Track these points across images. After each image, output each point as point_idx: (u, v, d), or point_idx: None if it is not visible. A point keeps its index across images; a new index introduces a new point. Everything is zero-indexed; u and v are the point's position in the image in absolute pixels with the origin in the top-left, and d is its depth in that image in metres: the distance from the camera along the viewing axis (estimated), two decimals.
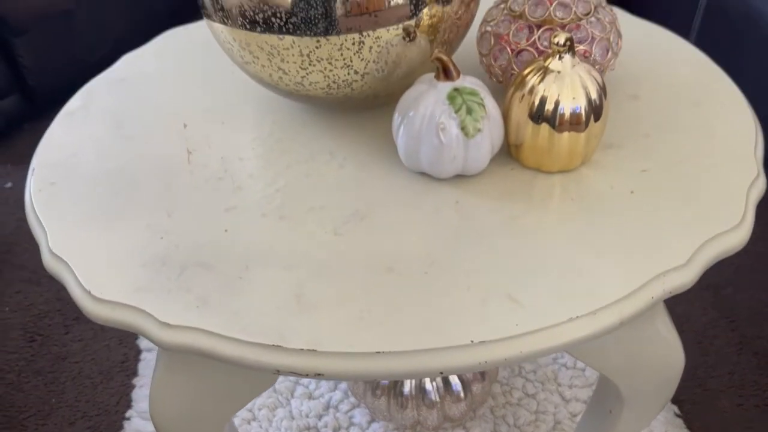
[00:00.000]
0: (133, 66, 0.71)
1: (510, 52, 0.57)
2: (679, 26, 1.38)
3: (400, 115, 0.53)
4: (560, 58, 0.50)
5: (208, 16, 0.55)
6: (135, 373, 1.01)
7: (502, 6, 0.59)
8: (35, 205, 0.54)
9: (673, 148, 0.55)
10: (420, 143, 0.52)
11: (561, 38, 0.49)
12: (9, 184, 1.38)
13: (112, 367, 1.02)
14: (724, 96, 0.61)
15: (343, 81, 0.54)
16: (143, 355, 1.03)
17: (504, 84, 0.60)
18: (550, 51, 0.51)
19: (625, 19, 0.72)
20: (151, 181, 0.55)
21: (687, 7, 1.33)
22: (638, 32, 0.70)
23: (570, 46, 0.50)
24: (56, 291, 1.15)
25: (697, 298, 1.07)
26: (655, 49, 0.67)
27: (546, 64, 0.51)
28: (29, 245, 1.25)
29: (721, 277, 1.10)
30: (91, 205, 0.53)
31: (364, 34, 0.51)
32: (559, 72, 0.50)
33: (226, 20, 0.53)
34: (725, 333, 1.02)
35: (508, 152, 0.55)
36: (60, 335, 1.08)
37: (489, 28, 0.59)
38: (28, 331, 1.09)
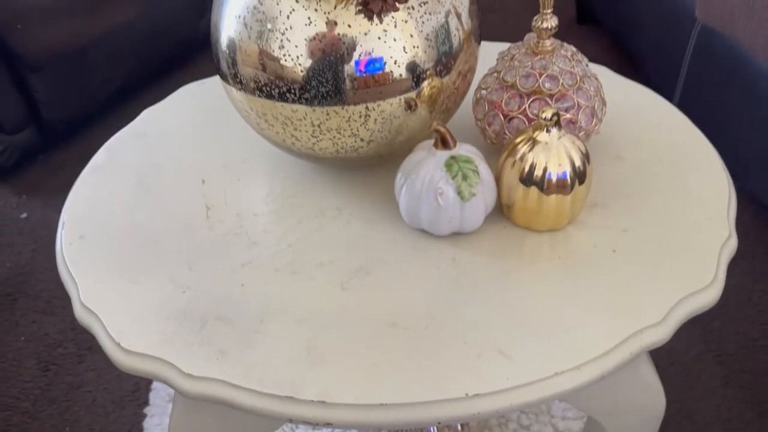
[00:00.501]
0: (153, 121, 0.76)
1: (503, 119, 0.62)
2: (669, 67, 1.43)
3: (402, 178, 0.58)
4: (548, 131, 0.55)
5: (225, 80, 0.60)
6: (146, 402, 1.05)
7: (495, 75, 0.64)
8: (66, 259, 0.59)
9: (653, 208, 0.60)
10: (420, 205, 0.57)
11: (548, 113, 0.55)
12: (24, 215, 1.43)
13: (124, 396, 1.06)
14: (702, 157, 0.66)
15: (350, 147, 0.59)
16: (154, 385, 1.08)
17: (497, 146, 0.65)
18: (539, 119, 0.56)
19: (612, 79, 0.78)
20: (174, 236, 0.60)
21: (676, 50, 1.39)
22: (624, 93, 0.75)
23: (556, 121, 0.55)
24: (70, 321, 1.19)
25: (684, 331, 1.11)
26: (639, 110, 0.72)
27: (535, 135, 0.56)
28: (44, 275, 1.29)
29: (707, 311, 1.15)
30: (118, 259, 0.58)
31: (370, 107, 0.56)
32: (546, 143, 0.55)
33: (242, 88, 0.58)
34: (712, 367, 1.06)
35: (501, 211, 0.60)
36: (74, 364, 1.12)
37: (484, 95, 0.64)
38: (42, 361, 1.13)
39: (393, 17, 0.53)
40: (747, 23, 1.13)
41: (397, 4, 0.50)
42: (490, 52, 0.71)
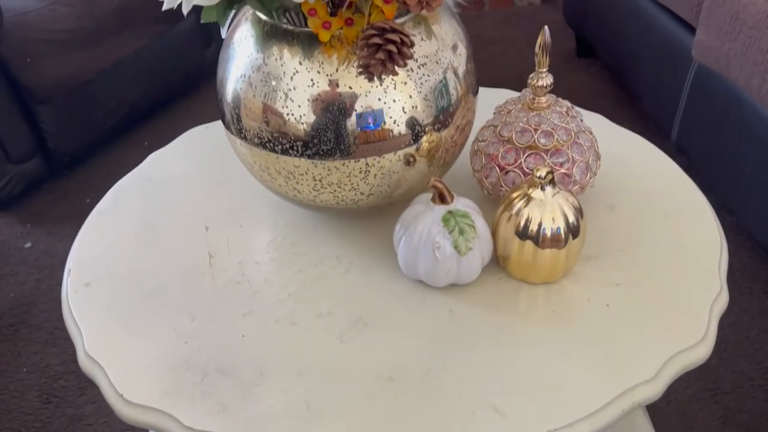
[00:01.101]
0: (159, 166, 0.77)
1: (499, 171, 0.64)
2: (667, 103, 1.46)
3: (400, 230, 0.60)
4: (542, 188, 0.57)
5: (229, 130, 0.62)
6: None
7: (492, 128, 0.66)
8: (71, 307, 0.60)
9: (645, 262, 0.61)
10: (418, 257, 0.58)
11: (543, 172, 0.56)
12: (28, 244, 1.45)
13: (125, 429, 1.07)
14: (693, 208, 0.67)
15: (350, 200, 0.60)
16: None
17: (494, 197, 0.66)
18: (534, 177, 0.57)
19: (606, 127, 0.79)
20: (176, 285, 0.62)
21: (673, 87, 1.41)
22: (618, 141, 0.76)
23: (551, 180, 0.56)
24: (72, 353, 1.20)
25: None
26: (632, 159, 0.74)
27: (530, 192, 0.57)
28: (47, 305, 1.30)
29: None
30: (122, 308, 0.60)
31: (370, 163, 0.57)
32: (541, 199, 0.57)
33: (247, 141, 0.59)
34: (709, 406, 1.07)
35: (497, 262, 0.62)
36: (75, 397, 1.13)
37: (481, 147, 0.66)
38: (44, 393, 1.14)
39: (393, 79, 0.55)
40: (742, 66, 1.15)
41: (396, 68, 0.52)
42: (487, 103, 0.72)
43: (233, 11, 0.57)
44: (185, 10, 0.53)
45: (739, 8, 1.15)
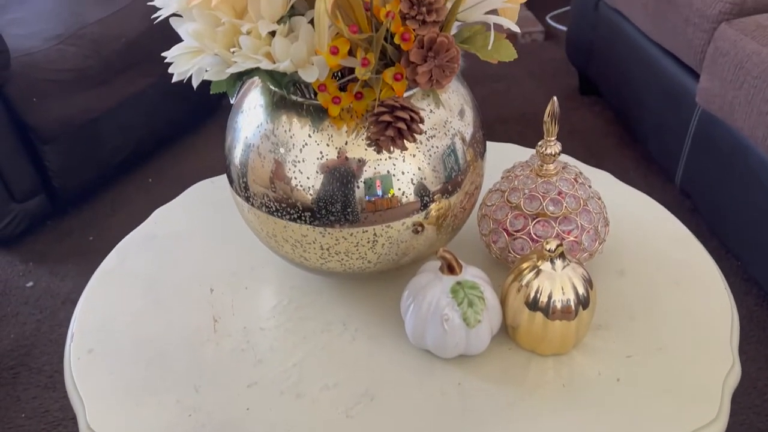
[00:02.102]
0: (163, 222, 0.77)
1: (507, 237, 0.64)
2: (671, 146, 1.45)
3: (408, 298, 0.59)
4: (552, 261, 0.56)
5: (236, 194, 0.61)
6: None
7: (500, 193, 0.65)
8: (74, 375, 0.59)
9: (656, 332, 0.61)
10: (426, 328, 0.57)
11: (552, 245, 0.56)
12: (30, 284, 1.44)
13: None
14: (704, 275, 0.66)
15: (357, 267, 0.60)
16: None
17: (502, 261, 0.66)
18: (543, 249, 0.57)
19: (614, 186, 0.79)
20: (181, 351, 0.61)
21: (678, 130, 1.41)
22: (626, 202, 0.76)
23: (561, 254, 0.56)
24: None
25: None
26: (641, 221, 0.73)
27: (539, 264, 0.57)
28: (47, 347, 1.29)
29: None
30: (125, 377, 0.59)
31: (378, 232, 0.57)
32: (551, 272, 0.56)
33: (255, 209, 0.59)
34: None
35: (506, 331, 0.61)
36: None
37: (488, 212, 0.65)
38: None
39: (401, 152, 0.55)
40: (747, 115, 1.15)
41: (406, 143, 0.52)
42: (493, 158, 0.71)
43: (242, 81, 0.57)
44: (195, 84, 0.53)
45: (743, 58, 1.16)
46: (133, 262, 0.71)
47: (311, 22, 0.51)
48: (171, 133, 1.81)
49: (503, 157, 0.79)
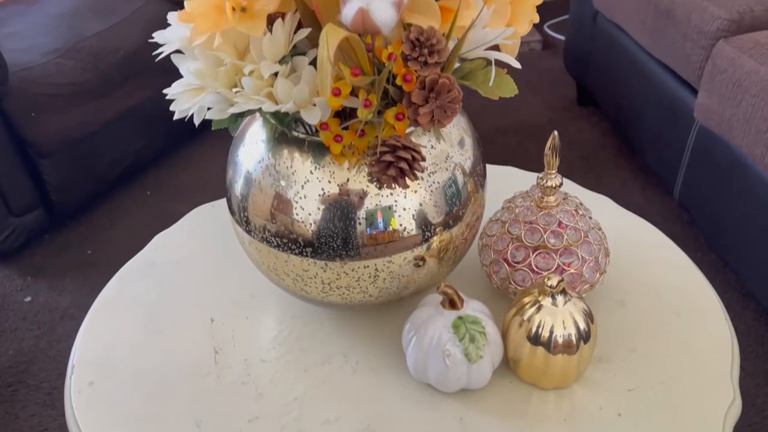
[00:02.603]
0: (163, 249, 0.77)
1: (508, 268, 0.64)
2: (669, 160, 1.46)
3: (410, 332, 0.59)
4: (553, 297, 0.56)
5: (237, 225, 0.61)
6: None
7: (501, 224, 0.65)
8: (75, 409, 0.59)
9: (657, 365, 0.61)
10: (428, 362, 0.57)
11: (554, 281, 0.56)
12: (28, 299, 1.43)
13: None
14: (704, 305, 0.67)
15: (358, 301, 0.60)
16: None
17: (503, 291, 0.66)
18: (545, 285, 0.57)
19: (614, 212, 0.79)
20: (182, 384, 0.61)
21: (676, 144, 1.42)
22: (626, 228, 0.76)
23: (562, 289, 0.56)
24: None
25: None
26: (641, 248, 0.73)
27: (541, 300, 0.57)
28: (45, 364, 1.29)
29: None
30: (126, 411, 0.59)
31: (379, 267, 0.57)
32: (552, 307, 0.56)
33: (255, 240, 0.59)
34: None
35: (507, 363, 0.61)
36: None
37: (489, 242, 0.66)
38: None
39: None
40: (745, 133, 1.15)
41: (408, 181, 0.52)
42: (493, 183, 0.71)
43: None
44: (197, 122, 0.53)
45: (741, 75, 1.16)
46: (134, 291, 0.71)
47: (313, 62, 0.51)
48: (169, 144, 1.81)
49: (503, 181, 0.80)
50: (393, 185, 0.52)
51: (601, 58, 1.76)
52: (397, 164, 0.50)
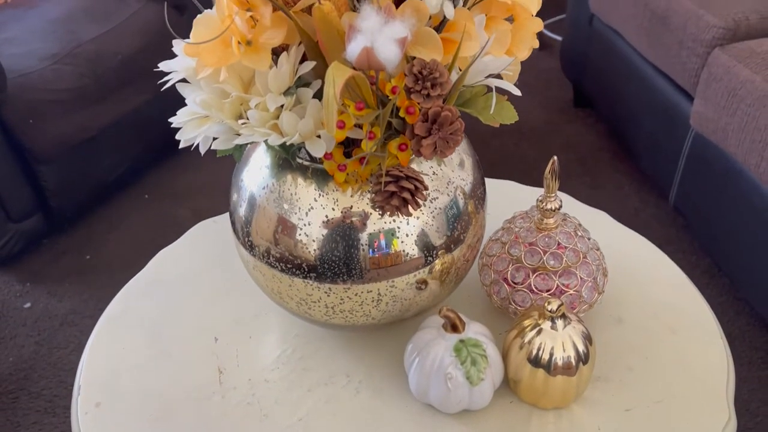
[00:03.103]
0: (166, 265, 0.78)
1: (508, 289, 0.65)
2: (665, 165, 1.47)
3: (412, 353, 0.60)
4: (553, 321, 0.57)
5: (242, 248, 0.62)
6: None
7: (501, 244, 0.66)
8: (82, 431, 0.60)
9: (653, 384, 0.62)
10: (430, 384, 0.59)
11: (554, 306, 0.57)
12: (28, 305, 1.44)
13: None
14: (700, 323, 0.68)
15: (361, 323, 0.61)
16: None
17: (503, 310, 0.67)
18: (545, 309, 0.58)
19: (612, 228, 0.80)
20: (187, 407, 0.62)
21: (672, 150, 1.43)
22: (623, 246, 0.77)
23: (562, 314, 0.57)
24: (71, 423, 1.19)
25: None
26: (638, 266, 0.74)
27: (541, 324, 0.58)
28: (46, 371, 1.30)
29: None
30: None
31: (383, 292, 0.58)
32: (552, 331, 0.57)
33: (259, 264, 0.60)
34: None
35: (507, 383, 0.62)
36: None
37: (489, 262, 0.66)
38: None
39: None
40: (740, 142, 1.17)
41: (410, 209, 0.53)
42: (493, 197, 0.71)
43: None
44: (202, 151, 0.54)
45: (736, 85, 1.17)
46: (138, 310, 0.72)
47: (317, 94, 0.52)
48: (166, 147, 1.81)
49: (502, 196, 0.80)
50: (394, 213, 0.53)
51: (597, 61, 1.76)
52: (400, 194, 0.51)
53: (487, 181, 0.78)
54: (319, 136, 0.51)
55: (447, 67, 0.51)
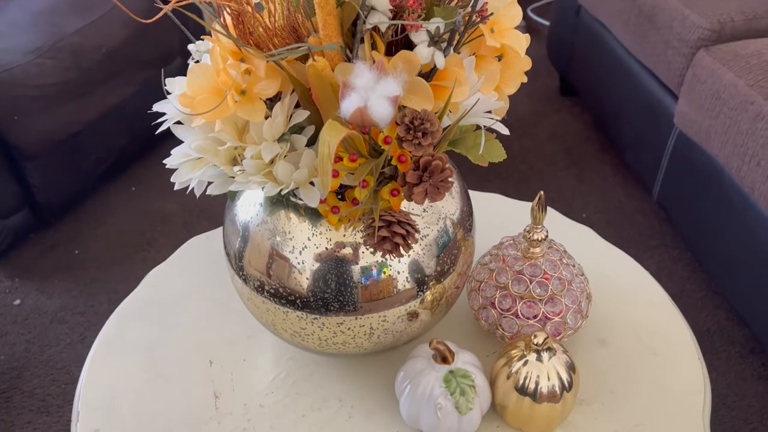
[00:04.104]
0: (160, 285, 0.79)
1: (496, 315, 0.67)
2: (649, 160, 1.49)
3: (403, 381, 0.62)
4: (539, 354, 0.59)
5: (237, 278, 0.63)
6: None
7: (488, 270, 0.68)
8: None
9: (635, 406, 0.65)
10: (420, 412, 0.61)
11: (540, 339, 0.59)
12: (17, 301, 1.44)
13: None
14: (678, 344, 0.70)
15: (353, 353, 0.63)
16: None
17: (491, 333, 0.69)
18: (531, 341, 0.60)
19: (596, 244, 0.82)
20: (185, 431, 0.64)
21: (656, 146, 1.45)
22: (607, 264, 0.79)
23: (548, 347, 0.59)
24: (66, 422, 1.21)
25: None
26: (621, 285, 0.76)
27: (527, 355, 0.60)
28: (38, 369, 1.31)
29: None
30: None
31: (375, 326, 0.60)
32: (538, 362, 0.60)
33: (254, 295, 0.61)
34: None
35: (494, 408, 0.64)
36: None
37: (477, 287, 0.68)
38: None
39: None
40: (722, 144, 1.19)
41: (402, 251, 0.54)
42: (482, 219, 0.72)
43: None
44: (198, 194, 0.55)
45: (720, 88, 1.19)
46: (132, 332, 0.73)
47: (310, 141, 0.52)
48: (152, 139, 1.80)
49: (490, 211, 0.82)
50: (387, 254, 0.55)
51: (584, 52, 1.77)
52: (392, 239, 0.52)
53: (474, 195, 0.80)
54: (312, 183, 0.52)
55: (438, 114, 0.52)
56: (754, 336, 1.29)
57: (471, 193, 0.75)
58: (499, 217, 0.83)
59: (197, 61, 0.62)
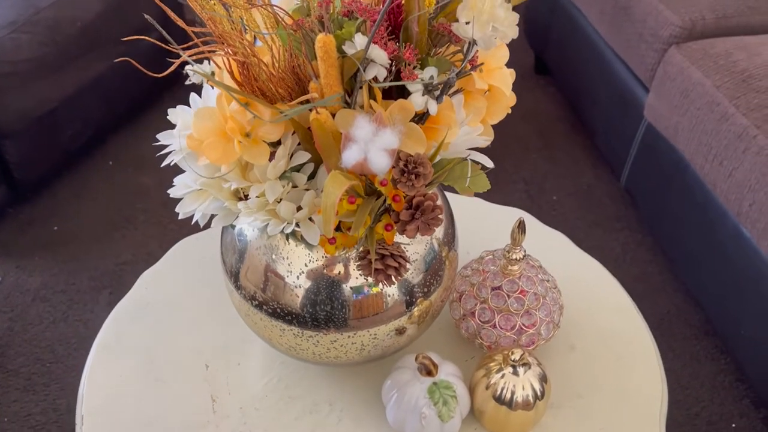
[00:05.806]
0: (153, 287, 0.82)
1: (476, 326, 0.72)
2: (619, 146, 1.54)
3: (390, 390, 0.67)
4: (515, 368, 0.65)
5: (235, 294, 0.67)
6: None
7: (470, 284, 0.73)
8: None
9: (599, 410, 0.71)
10: (406, 420, 0.66)
11: (517, 355, 0.64)
12: None
13: None
14: (640, 350, 0.77)
15: (344, 363, 0.67)
16: None
17: (471, 341, 0.74)
18: (509, 357, 0.65)
19: (569, 252, 0.87)
20: None
21: (626, 133, 1.50)
22: (578, 271, 0.84)
23: (524, 362, 0.64)
24: (52, 400, 1.25)
25: None
26: (590, 291, 0.82)
27: (504, 369, 0.65)
28: (22, 348, 1.33)
29: None
30: None
31: (365, 342, 0.64)
32: (515, 375, 0.65)
33: (251, 311, 0.65)
34: None
35: (473, 412, 0.70)
36: None
37: (459, 299, 0.73)
38: None
39: None
40: (688, 141, 1.24)
41: (394, 279, 0.58)
42: (464, 225, 0.76)
43: None
44: (201, 223, 0.58)
45: (688, 86, 1.24)
46: (129, 336, 0.77)
47: (310, 177, 0.56)
48: (129, 113, 1.80)
49: (471, 216, 0.86)
50: (379, 283, 0.59)
51: (559, 35, 1.80)
52: (385, 271, 0.57)
53: (454, 200, 0.84)
54: (311, 219, 0.55)
55: (430, 156, 0.55)
56: (708, 319, 1.38)
57: (451, 198, 0.79)
58: (479, 221, 0.88)
59: (193, 84, 0.64)
